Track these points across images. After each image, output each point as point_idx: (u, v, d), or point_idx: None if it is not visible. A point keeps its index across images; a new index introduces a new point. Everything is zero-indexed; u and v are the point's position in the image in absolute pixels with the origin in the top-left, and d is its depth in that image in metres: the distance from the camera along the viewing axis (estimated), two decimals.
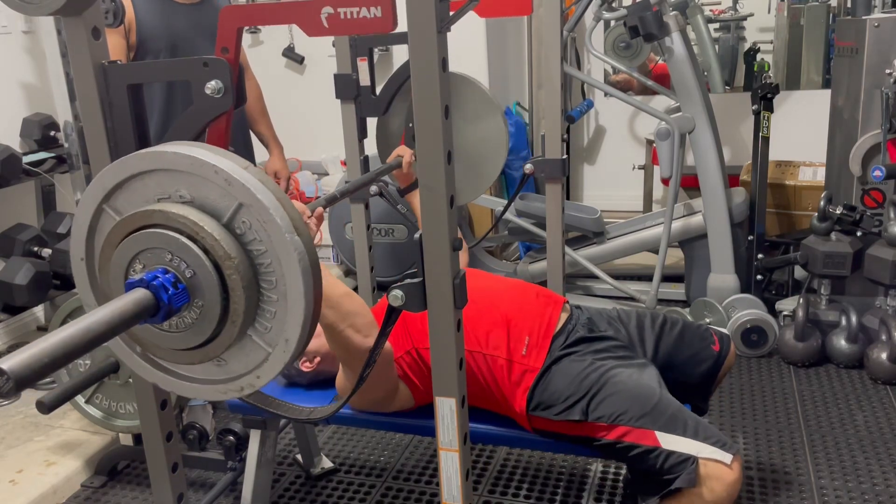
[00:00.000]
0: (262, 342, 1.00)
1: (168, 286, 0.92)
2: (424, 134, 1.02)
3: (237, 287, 0.94)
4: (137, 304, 0.89)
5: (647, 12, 2.76)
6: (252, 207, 0.93)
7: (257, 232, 0.95)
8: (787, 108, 4.00)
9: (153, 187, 0.97)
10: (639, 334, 1.78)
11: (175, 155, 0.94)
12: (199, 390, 1.07)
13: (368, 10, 1.14)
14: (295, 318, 0.96)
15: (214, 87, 1.14)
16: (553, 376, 1.61)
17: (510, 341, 1.64)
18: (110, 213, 1.01)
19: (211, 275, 0.94)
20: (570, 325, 1.71)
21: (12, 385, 0.74)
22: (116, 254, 0.98)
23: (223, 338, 0.98)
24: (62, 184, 3.06)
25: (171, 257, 0.95)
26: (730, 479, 1.47)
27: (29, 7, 1.14)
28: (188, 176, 0.95)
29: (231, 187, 0.93)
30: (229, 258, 0.93)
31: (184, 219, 0.93)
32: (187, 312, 0.96)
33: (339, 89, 2.22)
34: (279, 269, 0.95)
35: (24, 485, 2.19)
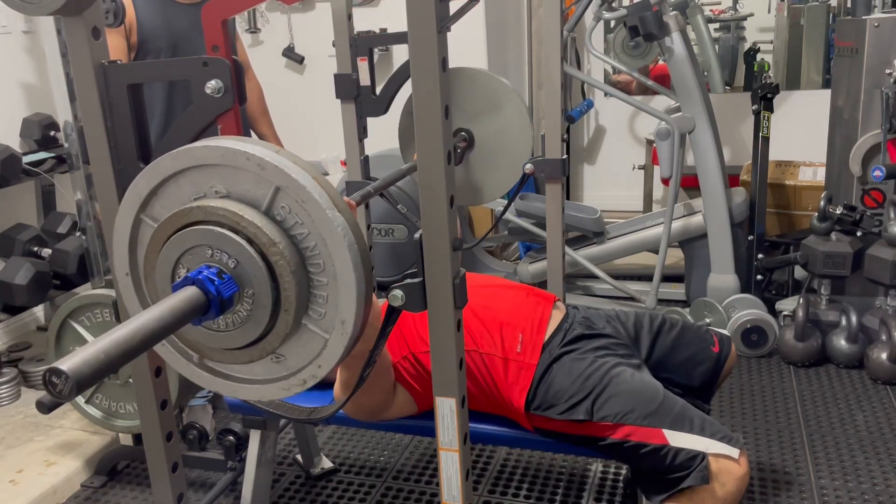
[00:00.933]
0: (318, 329, 0.98)
1: (213, 277, 0.91)
2: (424, 134, 1.02)
3: (285, 273, 0.92)
4: (187, 302, 0.88)
5: (647, 12, 2.76)
6: (289, 189, 0.92)
7: (297, 215, 0.93)
8: (787, 108, 4.00)
9: (188, 187, 0.96)
10: (636, 334, 1.77)
11: (205, 149, 0.93)
12: (261, 391, 1.05)
13: None
14: (348, 298, 0.94)
15: (214, 87, 1.14)
16: (555, 375, 1.60)
17: (504, 340, 1.64)
18: (149, 223, 0.99)
19: (258, 263, 0.92)
20: (566, 322, 1.71)
21: (73, 385, 0.73)
22: (160, 259, 0.97)
23: (278, 329, 0.96)
24: (62, 184, 3.06)
25: (212, 252, 0.93)
26: (739, 474, 1.47)
27: (29, 7, 1.14)
28: (221, 168, 0.94)
29: (265, 171, 0.91)
30: (273, 244, 0.92)
31: (223, 210, 0.92)
32: (240, 305, 0.95)
33: (339, 89, 2.22)
34: (325, 249, 0.93)
35: (24, 485, 2.19)
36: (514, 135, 2.23)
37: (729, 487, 1.47)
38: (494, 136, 2.24)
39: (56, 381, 0.73)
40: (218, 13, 1.17)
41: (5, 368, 2.72)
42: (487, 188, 2.32)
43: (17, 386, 2.70)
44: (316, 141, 4.06)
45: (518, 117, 2.22)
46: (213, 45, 1.15)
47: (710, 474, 1.46)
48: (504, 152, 2.25)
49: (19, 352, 2.99)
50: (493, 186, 2.32)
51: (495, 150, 2.25)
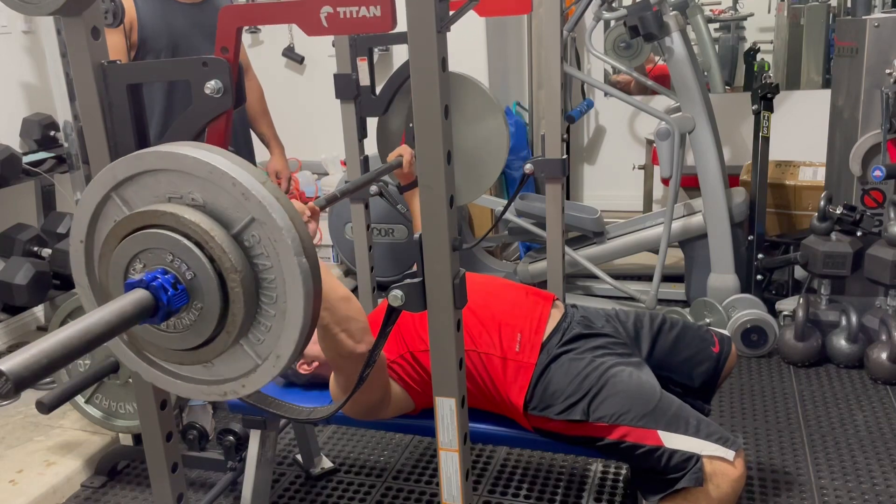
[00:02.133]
0: (252, 353, 1.00)
1: (168, 287, 0.92)
2: (424, 134, 1.02)
3: (238, 300, 0.94)
4: (137, 305, 0.89)
5: (647, 12, 2.76)
6: (265, 224, 0.93)
7: (265, 248, 0.94)
8: (787, 108, 4.00)
9: (166, 185, 0.97)
10: (636, 333, 1.77)
11: (195, 161, 0.94)
12: (181, 387, 1.06)
13: (367, 9, 1.13)
14: (289, 337, 0.96)
15: (214, 87, 1.14)
16: (552, 375, 1.60)
17: (503, 339, 1.64)
18: (117, 202, 1.00)
19: (213, 283, 0.93)
20: (564, 322, 1.71)
21: (11, 386, 0.74)
22: (119, 249, 0.97)
23: (216, 345, 0.98)
24: (62, 184, 3.06)
25: (173, 258, 0.94)
26: (734, 476, 1.47)
27: (29, 7, 1.14)
28: (204, 182, 0.94)
29: (247, 202, 0.92)
30: (235, 271, 0.93)
31: (195, 225, 0.93)
32: (186, 314, 0.96)
33: (339, 89, 2.22)
34: (282, 286, 0.95)
35: (24, 485, 2.19)
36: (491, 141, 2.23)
37: (724, 489, 1.47)
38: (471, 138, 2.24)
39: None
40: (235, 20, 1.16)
41: None
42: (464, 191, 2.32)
43: None
44: (316, 141, 4.06)
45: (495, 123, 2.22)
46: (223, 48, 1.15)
47: (704, 476, 1.46)
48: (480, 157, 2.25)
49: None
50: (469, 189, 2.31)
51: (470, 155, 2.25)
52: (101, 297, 1.06)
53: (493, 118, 2.21)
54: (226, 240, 0.93)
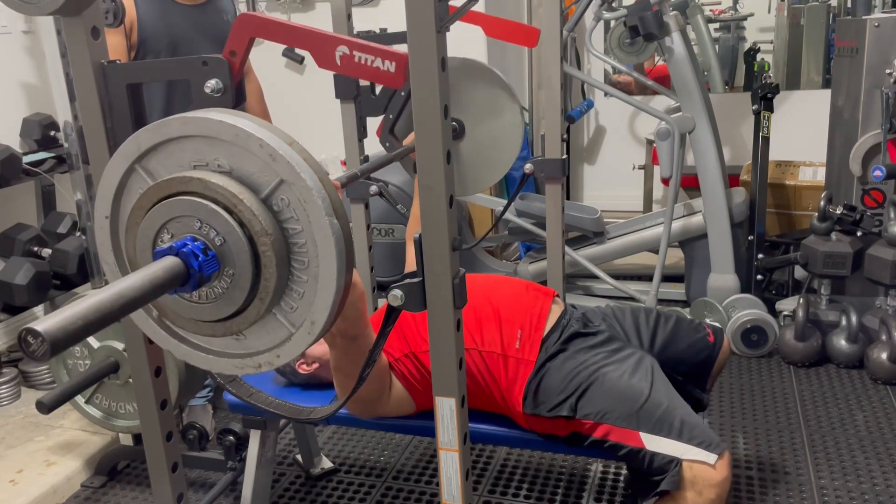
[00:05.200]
0: (286, 321, 0.97)
1: (198, 253, 0.90)
2: (424, 134, 1.02)
3: (270, 264, 0.92)
4: (168, 272, 0.87)
5: (647, 12, 2.76)
6: (294, 185, 0.91)
7: (295, 210, 0.92)
8: (787, 108, 4.00)
9: (190, 153, 0.95)
10: (635, 328, 1.79)
11: (220, 124, 0.91)
12: (214, 362, 1.04)
13: (383, 62, 1.13)
14: (323, 301, 0.94)
15: (214, 87, 1.14)
16: (547, 373, 1.61)
17: (503, 336, 1.65)
18: (141, 174, 0.98)
19: (245, 248, 0.91)
20: (563, 319, 1.72)
21: (48, 347, 0.73)
22: (147, 219, 0.95)
23: (249, 313, 0.96)
24: (62, 184, 3.06)
25: (201, 225, 0.92)
26: (716, 480, 1.47)
27: (29, 7, 1.14)
28: (230, 146, 0.92)
29: (275, 163, 0.90)
30: (266, 234, 0.91)
31: (223, 189, 0.91)
32: (217, 282, 0.94)
33: (338, 89, 2.22)
34: (313, 250, 0.93)
35: (24, 485, 2.19)
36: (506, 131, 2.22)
37: (707, 495, 1.47)
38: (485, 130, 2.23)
39: (31, 341, 0.73)
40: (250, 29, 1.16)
41: (5, 368, 2.72)
42: (471, 181, 2.31)
43: (17, 386, 2.70)
44: (316, 141, 4.05)
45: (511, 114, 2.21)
46: (232, 51, 1.15)
47: (682, 480, 1.47)
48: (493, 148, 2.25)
49: (19, 352, 2.99)
50: (477, 180, 2.30)
51: (484, 145, 2.25)
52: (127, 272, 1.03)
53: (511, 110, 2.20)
54: (255, 203, 0.91)
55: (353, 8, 2.26)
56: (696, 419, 1.55)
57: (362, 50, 1.13)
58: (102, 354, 2.09)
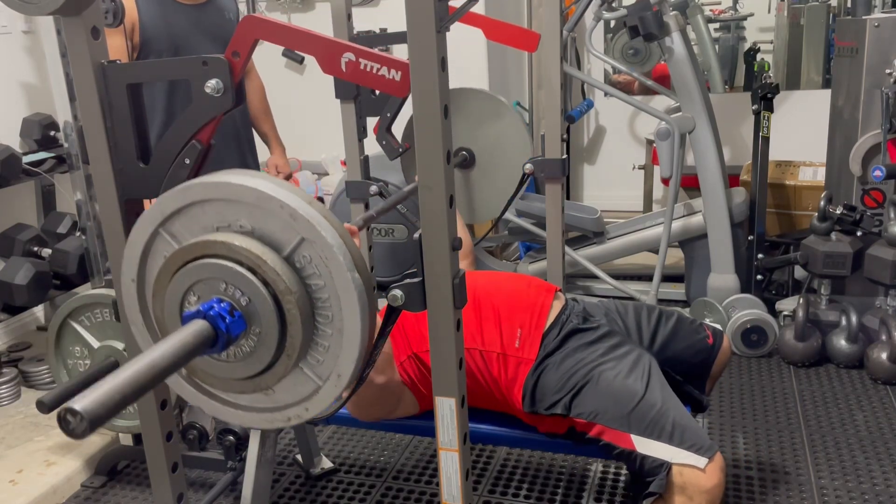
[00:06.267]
0: (313, 375, 1.00)
1: (225, 314, 0.93)
2: (424, 134, 1.02)
3: (295, 321, 0.94)
4: (197, 336, 0.90)
5: (647, 12, 2.76)
6: (315, 243, 0.93)
7: (317, 267, 0.94)
8: (787, 108, 4.00)
9: (213, 215, 0.97)
10: (636, 325, 1.79)
11: (241, 187, 0.94)
12: (245, 417, 1.06)
13: (388, 71, 1.13)
14: (349, 355, 0.96)
15: (214, 87, 1.14)
16: (545, 371, 1.61)
17: (503, 334, 1.65)
18: (166, 237, 1.01)
19: (270, 307, 0.94)
20: (563, 315, 1.71)
21: (86, 425, 0.74)
22: (173, 283, 0.98)
23: (277, 369, 0.98)
24: (62, 184, 3.06)
25: (226, 286, 0.94)
26: (707, 486, 1.46)
27: (29, 7, 1.14)
28: (252, 207, 0.95)
29: (296, 222, 0.93)
30: (290, 292, 0.93)
31: (246, 251, 0.93)
32: (245, 341, 0.96)
33: (338, 89, 2.22)
34: (337, 304, 0.95)
35: (24, 485, 2.19)
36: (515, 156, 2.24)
37: (697, 500, 1.46)
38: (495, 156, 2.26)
39: (71, 419, 0.75)
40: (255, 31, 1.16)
41: (5, 368, 2.72)
42: (486, 206, 2.34)
43: (17, 386, 2.70)
44: (316, 141, 4.05)
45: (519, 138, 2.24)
46: (235, 52, 1.15)
47: (671, 484, 1.47)
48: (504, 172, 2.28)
49: (19, 352, 2.99)
50: (491, 205, 2.33)
51: (495, 170, 2.27)
52: (156, 333, 1.07)
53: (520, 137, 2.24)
54: (278, 262, 0.93)
55: (353, 8, 2.26)
56: (689, 421, 1.54)
57: (368, 57, 1.14)
58: (102, 354, 2.09)
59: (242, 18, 1.20)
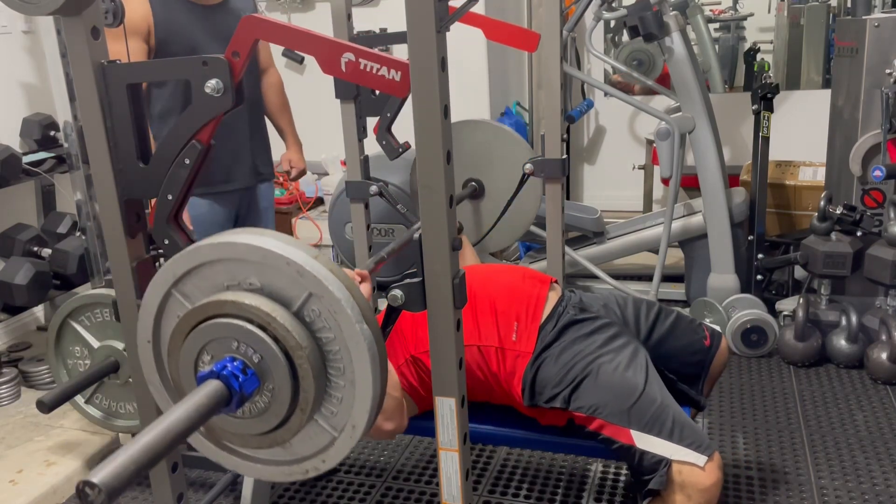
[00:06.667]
0: (328, 426, 1.01)
1: (238, 373, 0.95)
2: (424, 134, 1.02)
3: (307, 376, 0.96)
4: (211, 397, 0.92)
5: (647, 12, 2.76)
6: (323, 298, 0.95)
7: (326, 320, 0.96)
8: (787, 108, 4.00)
9: (223, 274, 1.00)
10: (634, 317, 1.78)
11: (247, 247, 0.96)
12: (263, 471, 1.08)
13: (388, 71, 1.13)
14: (362, 405, 0.98)
15: (214, 87, 1.14)
16: (543, 363, 1.60)
17: (499, 328, 1.64)
18: (178, 297, 1.03)
19: (282, 363, 0.95)
20: (560, 306, 1.71)
21: (105, 497, 0.76)
22: (187, 343, 1.00)
23: (292, 424, 1.00)
24: (62, 184, 3.06)
25: (238, 344, 0.97)
26: (706, 484, 1.46)
27: (29, 7, 1.14)
28: (259, 265, 0.97)
29: (303, 278, 0.95)
30: (301, 347, 0.95)
31: (256, 309, 0.95)
32: (259, 397, 0.98)
33: (338, 89, 2.22)
34: (347, 356, 0.97)
35: (24, 485, 2.19)
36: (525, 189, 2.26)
37: (696, 499, 1.46)
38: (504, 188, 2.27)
39: (89, 492, 0.76)
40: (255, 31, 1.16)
41: (5, 368, 2.72)
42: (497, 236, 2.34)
43: (17, 386, 2.70)
44: (316, 141, 4.05)
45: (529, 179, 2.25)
46: (235, 52, 1.15)
47: (671, 482, 1.46)
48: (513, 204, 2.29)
49: (19, 352, 2.99)
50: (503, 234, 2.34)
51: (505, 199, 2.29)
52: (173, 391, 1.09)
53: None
54: (287, 318, 0.95)
55: (353, 8, 2.26)
56: (687, 419, 1.54)
57: (368, 58, 1.14)
58: (102, 354, 2.09)
59: (242, 18, 1.20)
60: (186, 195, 1.23)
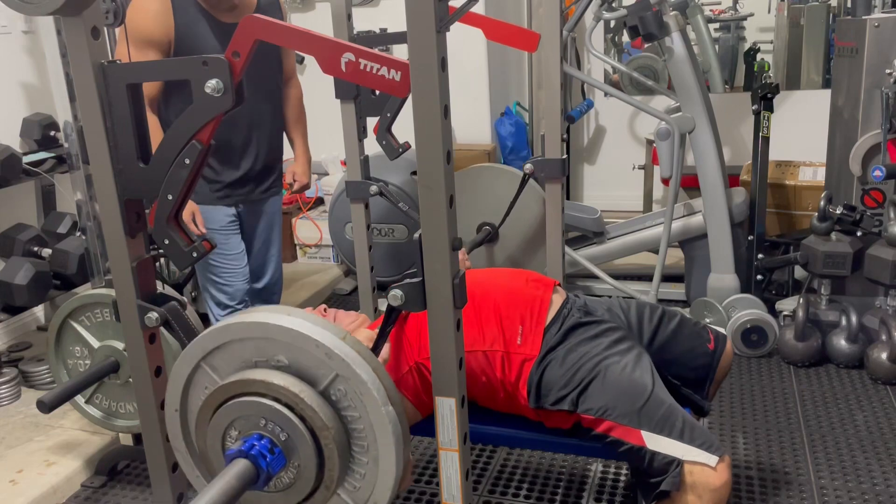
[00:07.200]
0: (349, 500, 1.03)
1: (265, 452, 0.97)
2: (424, 134, 1.02)
3: (332, 455, 0.98)
4: (240, 477, 0.94)
5: (647, 12, 2.76)
6: (350, 380, 0.98)
7: (352, 400, 0.99)
8: (787, 108, 4.00)
9: (252, 350, 1.02)
10: (637, 321, 1.77)
11: (278, 328, 0.99)
12: None
13: (388, 71, 1.13)
14: (385, 482, 1.00)
15: (214, 87, 1.14)
16: (549, 366, 1.60)
17: (504, 332, 1.63)
18: (207, 370, 1.06)
19: (308, 442, 0.98)
20: (565, 309, 1.70)
21: None
22: (215, 418, 1.02)
23: (316, 499, 1.02)
24: (62, 184, 3.06)
25: (266, 422, 0.99)
26: (716, 484, 1.45)
27: (29, 7, 1.14)
28: (288, 345, 0.99)
29: (331, 360, 0.97)
30: (327, 428, 0.97)
31: (284, 389, 0.98)
32: (284, 473, 1.00)
33: (339, 89, 2.23)
34: (372, 435, 0.99)
35: (24, 485, 2.18)
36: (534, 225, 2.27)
37: (707, 498, 1.46)
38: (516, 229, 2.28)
39: None
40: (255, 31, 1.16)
41: (5, 368, 2.72)
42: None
43: (17, 386, 2.70)
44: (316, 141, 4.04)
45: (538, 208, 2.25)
46: (235, 52, 1.15)
47: (684, 482, 1.46)
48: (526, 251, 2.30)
49: (19, 352, 2.99)
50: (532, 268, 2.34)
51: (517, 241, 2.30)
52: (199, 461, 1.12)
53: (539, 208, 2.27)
54: (314, 398, 0.98)
55: (353, 8, 2.27)
56: (694, 420, 1.54)
57: (368, 58, 1.14)
58: (102, 354, 2.09)
59: (242, 18, 1.20)
60: (187, 195, 1.23)
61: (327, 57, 1.16)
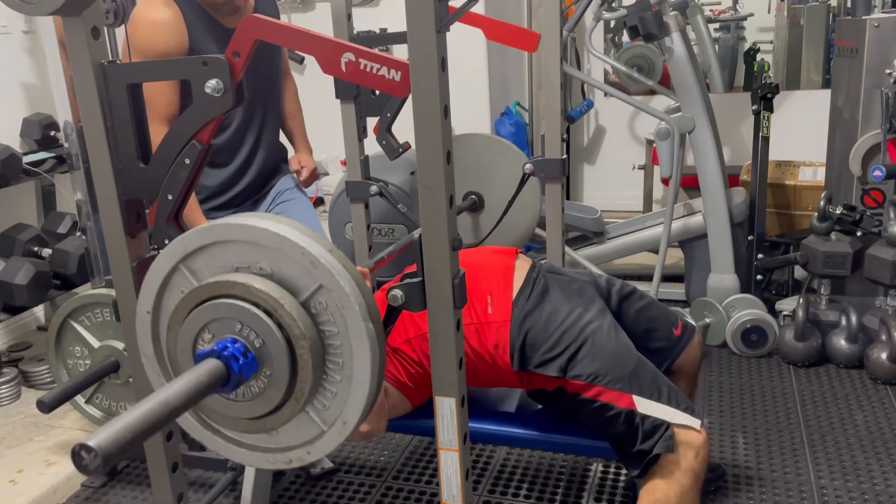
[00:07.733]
0: (318, 419, 1.01)
1: (238, 355, 0.94)
2: (424, 134, 1.02)
3: (307, 366, 0.95)
4: (210, 375, 0.91)
5: (647, 12, 2.76)
6: (332, 291, 0.94)
7: (332, 314, 0.96)
8: (787, 108, 4.00)
9: (234, 255, 0.99)
10: (607, 292, 1.76)
11: (265, 232, 0.95)
12: (246, 455, 1.08)
13: (389, 71, 1.13)
14: (356, 402, 0.97)
15: (214, 87, 1.14)
16: (530, 327, 1.58)
17: (474, 306, 1.62)
18: (185, 273, 1.02)
19: (283, 350, 0.95)
20: (533, 272, 1.70)
21: (100, 462, 0.75)
22: (190, 319, 0.99)
23: (284, 412, 0.99)
24: (62, 184, 3.06)
25: (241, 327, 0.96)
26: (699, 443, 1.49)
27: (29, 7, 1.14)
28: (273, 252, 0.96)
29: (316, 270, 0.94)
30: (304, 337, 0.94)
31: (266, 294, 0.94)
32: (255, 381, 0.97)
33: (339, 89, 2.22)
34: (348, 352, 0.96)
35: (24, 485, 2.19)
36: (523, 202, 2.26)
37: (690, 458, 1.49)
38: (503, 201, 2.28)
39: (85, 455, 0.76)
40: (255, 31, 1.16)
41: (5, 368, 2.72)
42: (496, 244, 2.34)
43: (17, 386, 2.70)
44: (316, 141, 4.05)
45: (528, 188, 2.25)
46: (235, 52, 1.15)
47: (675, 444, 1.48)
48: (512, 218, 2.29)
49: (19, 352, 3.00)
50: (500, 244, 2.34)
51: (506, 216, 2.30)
52: (165, 367, 1.08)
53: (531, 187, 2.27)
54: (295, 307, 0.95)
55: (353, 8, 2.26)
56: (673, 384, 1.57)
57: (368, 58, 1.14)
58: (102, 354, 2.09)
59: (243, 20, 1.20)
60: (187, 195, 1.23)
61: (327, 57, 1.16)
